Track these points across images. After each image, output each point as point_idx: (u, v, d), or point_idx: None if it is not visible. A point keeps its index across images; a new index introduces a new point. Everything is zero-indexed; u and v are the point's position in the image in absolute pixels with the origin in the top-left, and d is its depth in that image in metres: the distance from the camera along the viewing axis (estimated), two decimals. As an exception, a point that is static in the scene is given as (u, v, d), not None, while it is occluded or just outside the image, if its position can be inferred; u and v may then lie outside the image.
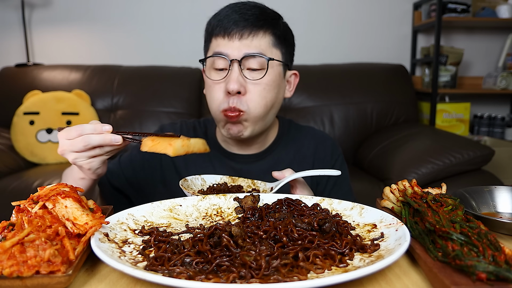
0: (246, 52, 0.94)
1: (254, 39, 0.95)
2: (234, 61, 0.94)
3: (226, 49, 0.95)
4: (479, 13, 2.79)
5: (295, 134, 1.16)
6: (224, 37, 0.95)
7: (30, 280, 0.48)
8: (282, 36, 1.01)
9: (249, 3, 0.99)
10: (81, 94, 2.52)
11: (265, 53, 0.95)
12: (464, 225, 0.55)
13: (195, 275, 0.49)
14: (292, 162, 1.10)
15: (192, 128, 1.17)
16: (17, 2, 2.87)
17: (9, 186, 2.04)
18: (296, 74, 1.11)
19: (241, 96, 0.96)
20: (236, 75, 0.94)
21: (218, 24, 0.96)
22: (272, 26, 0.98)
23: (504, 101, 3.15)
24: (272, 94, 0.99)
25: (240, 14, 0.95)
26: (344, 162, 1.18)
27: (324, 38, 3.01)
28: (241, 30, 0.94)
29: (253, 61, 0.95)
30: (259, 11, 0.97)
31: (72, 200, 0.61)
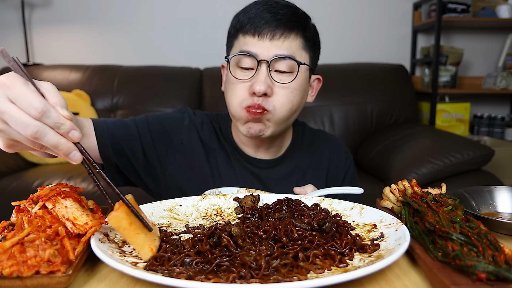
0: (277, 54, 0.90)
1: (286, 40, 0.91)
2: (262, 62, 0.90)
3: (255, 48, 0.91)
4: (479, 13, 2.79)
5: (310, 139, 1.13)
6: (254, 36, 0.91)
7: (30, 280, 0.48)
8: (312, 39, 0.97)
9: (281, 2, 0.94)
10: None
11: (295, 56, 0.92)
12: (464, 225, 0.55)
13: (195, 275, 0.49)
14: (307, 168, 1.08)
15: (200, 125, 1.08)
16: (17, 2, 2.87)
17: (9, 186, 2.04)
18: (320, 79, 1.07)
19: (267, 98, 0.92)
20: (263, 76, 0.90)
21: (249, 21, 0.91)
22: (303, 28, 0.94)
23: (504, 101, 3.15)
24: (298, 99, 0.96)
25: (272, 13, 0.90)
26: (355, 170, 1.17)
27: (324, 38, 2.99)
28: (273, 30, 0.90)
29: (283, 63, 0.91)
30: (291, 12, 0.93)
31: (72, 200, 0.61)
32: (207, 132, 1.07)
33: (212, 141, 1.07)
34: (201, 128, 1.07)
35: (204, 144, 1.05)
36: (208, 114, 1.13)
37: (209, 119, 1.10)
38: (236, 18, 0.97)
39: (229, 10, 3.23)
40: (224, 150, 1.06)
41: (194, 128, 1.06)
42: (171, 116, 1.07)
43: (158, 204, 0.74)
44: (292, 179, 1.06)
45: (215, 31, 2.94)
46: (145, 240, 0.56)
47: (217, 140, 1.07)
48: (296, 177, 1.07)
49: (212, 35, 2.94)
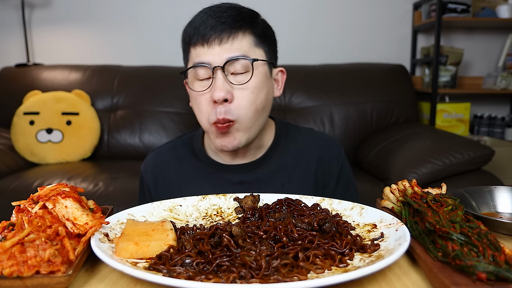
0: (228, 57, 0.89)
1: (235, 41, 0.90)
2: (217, 68, 0.89)
3: (206, 57, 0.90)
4: (479, 13, 2.79)
5: (296, 137, 1.09)
6: (203, 45, 0.90)
7: (30, 280, 0.48)
8: (263, 34, 0.96)
9: (223, 5, 0.94)
10: (81, 94, 2.52)
11: (248, 55, 0.90)
12: (464, 225, 0.55)
13: (195, 275, 0.49)
14: (294, 168, 1.04)
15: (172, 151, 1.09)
16: (17, 2, 2.87)
17: (9, 186, 2.04)
18: (283, 71, 1.05)
19: (229, 104, 0.90)
20: (220, 82, 0.88)
21: (195, 32, 0.91)
22: (251, 25, 0.93)
23: (504, 101, 3.15)
24: (261, 97, 0.93)
25: (216, 18, 0.90)
26: (348, 164, 1.13)
27: (324, 38, 3.01)
28: (219, 35, 0.89)
29: (237, 65, 0.89)
30: (235, 12, 0.92)
31: (72, 200, 0.61)
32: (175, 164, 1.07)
33: (184, 166, 1.06)
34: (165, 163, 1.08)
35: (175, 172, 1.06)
36: (177, 140, 1.12)
37: (175, 146, 1.10)
38: (184, 32, 0.96)
39: (229, 10, 3.21)
40: (199, 168, 1.05)
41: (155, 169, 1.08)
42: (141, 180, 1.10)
43: (158, 204, 0.74)
44: (277, 181, 1.02)
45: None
46: (160, 244, 0.57)
47: (192, 161, 1.06)
48: (281, 179, 1.03)
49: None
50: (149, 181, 1.07)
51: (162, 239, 0.58)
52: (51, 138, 2.41)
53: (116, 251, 0.56)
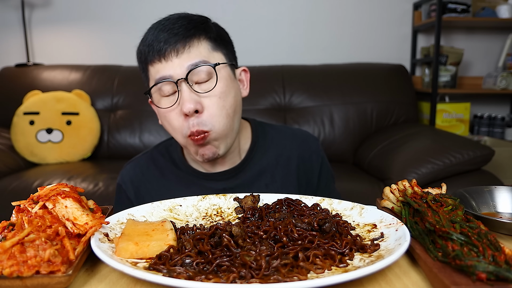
0: (189, 65, 0.87)
1: (191, 49, 0.88)
2: (180, 81, 0.86)
3: (166, 71, 0.87)
4: (479, 13, 2.79)
5: (273, 136, 1.08)
6: (161, 60, 0.88)
7: (30, 280, 0.48)
8: (218, 38, 0.94)
9: (172, 17, 0.92)
10: (81, 94, 2.52)
11: (207, 60, 0.88)
12: (464, 225, 0.55)
13: (195, 275, 0.49)
14: (276, 168, 1.03)
15: (152, 162, 1.06)
16: (17, 2, 2.87)
17: (9, 186, 2.04)
18: (246, 70, 1.03)
19: (200, 115, 0.88)
20: (187, 93, 0.86)
21: (149, 49, 0.89)
22: (204, 31, 0.91)
23: (504, 101, 3.15)
24: (229, 100, 0.92)
25: (168, 31, 0.88)
26: (325, 154, 1.12)
27: (324, 38, 3.01)
28: (175, 46, 0.87)
29: (200, 73, 0.87)
30: (186, 21, 0.90)
31: (72, 200, 0.61)
32: (156, 174, 1.05)
33: (166, 176, 1.04)
34: (145, 174, 1.05)
35: (158, 183, 1.04)
36: (153, 150, 1.10)
37: (153, 157, 1.08)
38: (138, 51, 0.94)
39: (229, 10, 3.25)
40: (181, 178, 1.03)
41: (136, 182, 1.05)
42: (119, 191, 1.08)
43: (158, 204, 0.74)
44: (261, 183, 1.01)
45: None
46: (160, 244, 0.57)
47: (173, 171, 1.04)
48: (264, 181, 1.02)
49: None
50: (130, 193, 1.05)
51: (162, 239, 0.58)
52: (51, 138, 2.41)
53: (116, 251, 0.56)
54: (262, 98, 2.56)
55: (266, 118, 2.51)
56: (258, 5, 2.97)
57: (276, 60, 2.89)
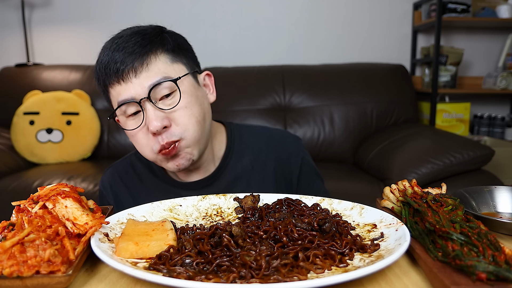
0: (149, 84, 0.84)
1: (150, 67, 0.85)
2: (143, 100, 0.84)
3: (127, 92, 0.84)
4: (479, 13, 2.79)
5: (249, 139, 1.05)
6: (120, 82, 0.85)
7: (30, 280, 0.48)
8: (176, 47, 0.91)
9: (125, 34, 0.88)
10: (81, 94, 2.52)
11: (168, 75, 0.86)
12: (464, 225, 0.55)
13: (195, 275, 0.49)
14: (251, 173, 1.02)
15: (130, 167, 1.05)
16: (17, 2, 2.87)
17: (9, 186, 2.04)
18: (209, 74, 1.01)
19: (168, 129, 0.86)
20: (152, 113, 0.84)
21: (106, 72, 0.85)
22: (160, 44, 0.88)
23: (504, 101, 3.15)
24: (196, 109, 0.89)
25: (122, 50, 0.84)
26: (309, 155, 1.09)
27: (324, 38, 3.01)
28: (132, 66, 0.83)
29: (162, 90, 0.85)
30: (139, 37, 0.86)
31: (72, 200, 0.61)
32: (135, 180, 1.04)
33: (144, 182, 1.03)
34: (124, 179, 1.05)
35: (136, 189, 1.03)
36: (131, 155, 1.08)
37: (131, 162, 1.06)
38: (96, 73, 0.91)
39: (229, 10, 3.24)
40: (158, 186, 1.02)
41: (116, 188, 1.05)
42: (101, 197, 1.07)
43: (158, 204, 0.74)
44: (237, 190, 0.99)
45: (215, 31, 2.94)
46: (160, 244, 0.57)
47: (150, 177, 1.03)
48: (240, 187, 1.00)
49: (212, 35, 2.94)
50: (109, 198, 1.04)
51: (162, 239, 0.58)
52: (51, 138, 2.41)
53: (116, 251, 0.56)
54: (262, 98, 2.56)
55: (266, 118, 2.52)
56: (258, 5, 2.97)
57: (276, 60, 2.89)
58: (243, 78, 2.64)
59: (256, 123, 2.47)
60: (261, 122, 2.49)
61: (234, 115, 2.50)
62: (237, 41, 2.93)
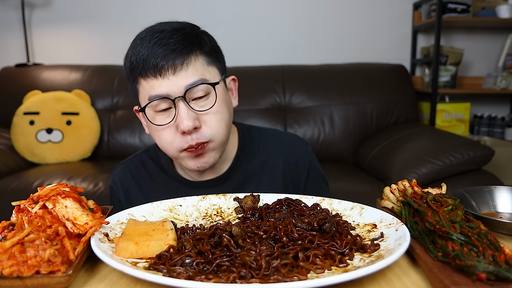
0: (187, 85, 0.85)
1: (189, 67, 0.86)
2: (178, 99, 0.85)
3: (163, 88, 0.85)
4: (479, 13, 2.79)
5: (259, 141, 1.07)
6: (156, 76, 0.85)
7: (30, 280, 0.48)
8: (212, 50, 0.93)
9: (166, 29, 0.88)
10: (81, 94, 2.52)
11: (204, 77, 0.87)
12: (464, 225, 0.55)
13: (195, 275, 0.49)
14: (261, 175, 1.03)
15: (141, 165, 1.06)
16: (17, 2, 2.87)
17: (9, 186, 2.04)
18: (234, 79, 1.03)
19: (198, 130, 0.87)
20: (185, 112, 0.85)
21: (144, 64, 0.85)
22: (199, 45, 0.89)
23: (504, 101, 3.15)
24: (226, 112, 0.92)
25: (164, 46, 0.85)
26: (316, 159, 1.11)
27: (324, 38, 3.01)
28: (172, 64, 0.84)
29: (197, 91, 0.86)
30: (181, 36, 0.87)
31: (72, 200, 0.61)
32: (145, 178, 1.05)
33: (155, 180, 1.04)
34: (135, 176, 1.05)
35: (146, 186, 1.04)
36: (142, 152, 1.09)
37: (142, 160, 1.07)
38: (128, 61, 0.90)
39: (229, 10, 3.24)
40: (169, 184, 1.03)
41: (127, 184, 1.05)
42: (111, 193, 1.08)
43: (158, 204, 0.74)
44: (246, 191, 1.00)
45: (215, 31, 2.92)
46: (160, 244, 0.57)
47: (161, 175, 1.04)
48: (250, 188, 1.02)
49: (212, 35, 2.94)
50: (120, 195, 1.05)
51: (162, 239, 0.58)
52: (51, 138, 2.41)
53: (116, 250, 0.56)
54: (262, 98, 2.56)
55: (266, 118, 2.51)
56: (258, 5, 2.97)
57: (276, 60, 2.89)
58: (243, 78, 2.62)
59: (256, 123, 2.47)
60: (261, 122, 2.49)
61: (234, 115, 2.49)
62: (237, 41, 2.93)
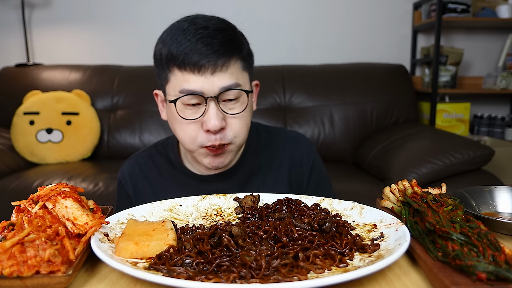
0: (222, 87, 0.86)
1: (228, 69, 0.86)
2: (210, 99, 0.86)
3: (198, 85, 0.85)
4: (479, 13, 2.79)
5: (267, 139, 1.09)
6: (194, 72, 0.85)
7: (30, 280, 0.48)
8: (248, 55, 0.94)
9: (210, 26, 0.88)
10: (81, 94, 2.52)
11: (238, 82, 0.88)
12: (464, 225, 0.55)
13: (195, 275, 0.49)
14: (268, 170, 1.05)
15: (150, 159, 1.08)
16: (17, 2, 2.87)
17: (9, 186, 2.04)
18: (258, 84, 1.04)
19: (223, 131, 0.89)
20: (214, 111, 0.86)
21: (184, 56, 0.85)
22: (239, 50, 0.90)
23: (504, 101, 3.15)
24: (249, 118, 0.95)
25: (207, 45, 0.85)
26: (320, 159, 1.12)
27: (324, 38, 3.01)
28: (213, 64, 0.84)
29: (230, 94, 0.87)
30: (224, 38, 0.87)
31: (72, 200, 0.61)
32: (153, 172, 1.06)
33: (163, 174, 1.05)
34: (143, 170, 1.07)
35: (154, 180, 1.05)
36: (151, 147, 1.11)
37: (151, 154, 1.08)
38: (166, 48, 0.89)
39: (229, 10, 3.24)
40: (177, 178, 1.05)
41: (135, 178, 1.07)
42: (119, 187, 1.09)
43: (158, 204, 0.74)
44: (252, 185, 1.03)
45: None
46: (160, 244, 0.57)
47: (169, 169, 1.06)
48: (256, 183, 1.03)
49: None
50: (129, 188, 1.06)
51: (162, 239, 0.58)
52: (51, 138, 2.41)
53: (116, 250, 0.56)
54: (262, 98, 2.56)
55: (266, 118, 2.51)
56: (258, 5, 2.97)
57: (276, 60, 2.89)
58: (243, 78, 2.64)
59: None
60: (261, 122, 2.49)
61: (234, 115, 2.50)
62: (237, 41, 2.92)
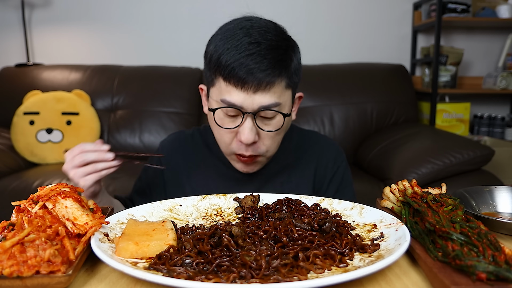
0: (262, 105, 0.86)
1: (271, 89, 0.86)
2: (248, 115, 0.87)
3: (239, 99, 0.86)
4: (479, 13, 2.79)
5: (297, 141, 1.12)
6: (237, 86, 0.85)
7: (30, 280, 0.48)
8: (294, 72, 0.93)
9: (263, 42, 0.86)
10: (81, 94, 2.52)
11: (279, 101, 0.88)
12: (464, 225, 0.55)
13: (195, 275, 0.49)
14: (293, 169, 1.08)
15: (191, 138, 1.14)
16: (17, 2, 2.87)
17: (9, 186, 2.03)
18: (301, 96, 1.05)
19: (255, 144, 0.92)
20: (249, 126, 0.87)
21: (232, 70, 0.85)
22: (286, 66, 0.89)
23: (504, 101, 3.15)
24: (282, 134, 0.97)
25: (256, 63, 0.84)
26: (347, 169, 1.13)
27: (324, 38, 3.01)
28: (257, 84, 0.84)
29: (267, 112, 0.88)
30: (274, 58, 0.86)
31: (72, 200, 0.61)
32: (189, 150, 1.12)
33: (197, 153, 1.11)
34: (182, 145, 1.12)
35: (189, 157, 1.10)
36: (195, 128, 1.17)
37: (193, 134, 1.14)
38: (216, 52, 0.90)
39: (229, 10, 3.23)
40: (209, 159, 1.09)
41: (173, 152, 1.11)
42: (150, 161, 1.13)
43: (158, 204, 0.74)
44: (277, 180, 1.06)
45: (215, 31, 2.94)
46: (160, 244, 0.57)
47: (204, 151, 1.11)
48: (280, 179, 1.06)
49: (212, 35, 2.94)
50: (163, 158, 1.11)
51: (162, 239, 0.58)
52: (51, 138, 2.41)
53: (116, 250, 0.56)
54: (262, 98, 2.56)
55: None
56: (258, 5, 2.97)
57: (276, 60, 2.88)
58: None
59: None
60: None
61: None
62: (237, 41, 2.92)
